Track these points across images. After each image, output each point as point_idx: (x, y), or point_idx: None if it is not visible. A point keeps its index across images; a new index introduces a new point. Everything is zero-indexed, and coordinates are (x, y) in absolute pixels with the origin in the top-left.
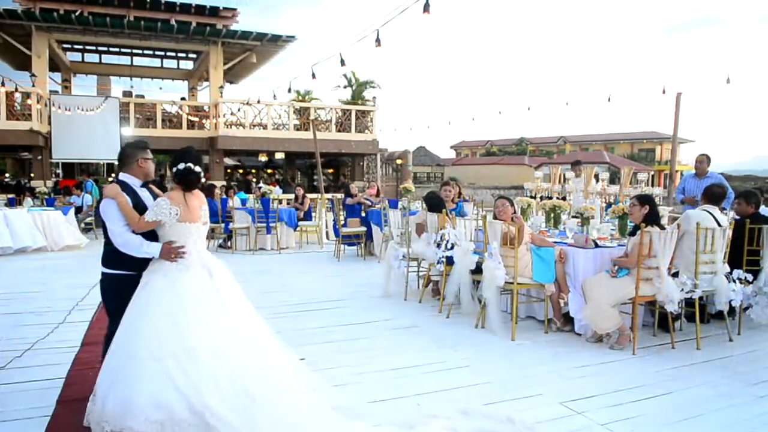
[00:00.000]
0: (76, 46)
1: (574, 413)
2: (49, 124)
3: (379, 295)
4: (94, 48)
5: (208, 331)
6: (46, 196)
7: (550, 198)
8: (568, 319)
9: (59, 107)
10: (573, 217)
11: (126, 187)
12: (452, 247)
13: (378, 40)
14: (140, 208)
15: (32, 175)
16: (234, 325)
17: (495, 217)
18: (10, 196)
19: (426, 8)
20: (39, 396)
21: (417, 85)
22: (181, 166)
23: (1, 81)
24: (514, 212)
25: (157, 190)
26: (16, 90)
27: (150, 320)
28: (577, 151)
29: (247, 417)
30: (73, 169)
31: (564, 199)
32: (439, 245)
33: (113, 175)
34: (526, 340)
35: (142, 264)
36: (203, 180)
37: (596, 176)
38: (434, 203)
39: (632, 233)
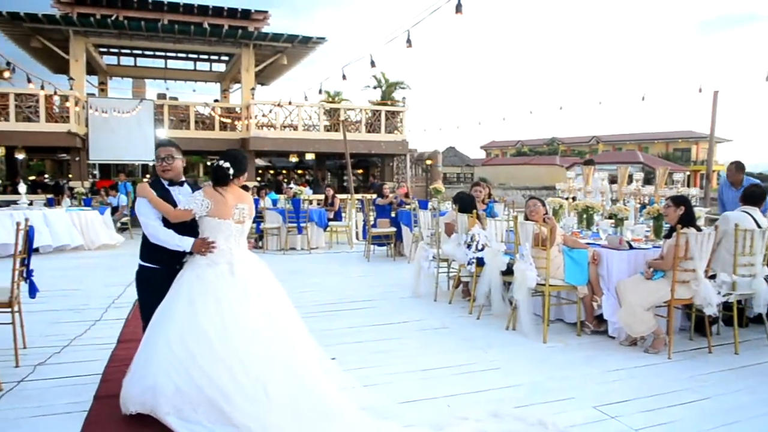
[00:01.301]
0: (112, 50)
1: (608, 417)
2: (87, 126)
3: (409, 295)
4: (129, 51)
5: (224, 326)
6: (83, 197)
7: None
8: (601, 322)
9: (96, 110)
10: (606, 218)
11: (155, 185)
12: (483, 248)
13: (409, 41)
14: (169, 204)
15: (70, 175)
16: (255, 322)
17: (526, 218)
18: (49, 196)
19: (458, 8)
20: (77, 391)
21: (447, 85)
22: (213, 163)
23: (41, 85)
24: (546, 213)
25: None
26: (55, 93)
27: (172, 311)
28: (610, 150)
29: (260, 412)
30: (109, 170)
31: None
32: (469, 246)
33: (148, 175)
34: (557, 343)
35: (173, 259)
36: (232, 177)
37: (630, 176)
38: (465, 204)
39: (668, 235)
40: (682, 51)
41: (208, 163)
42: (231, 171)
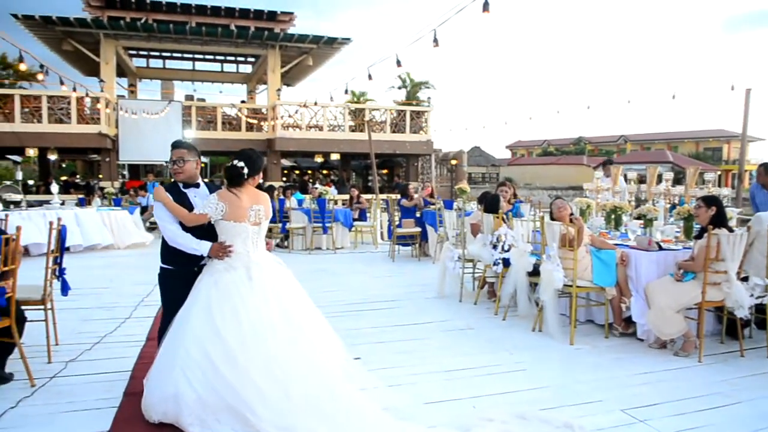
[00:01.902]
0: (141, 52)
1: (636, 421)
2: (117, 127)
3: (434, 296)
4: (158, 54)
5: (242, 332)
6: (113, 197)
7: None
8: (629, 324)
9: (126, 111)
10: (635, 218)
11: (171, 188)
12: (509, 249)
13: (435, 40)
14: (185, 207)
15: (100, 176)
16: (273, 326)
17: (552, 218)
18: (81, 196)
19: (485, 7)
20: (107, 387)
21: (473, 84)
22: (229, 163)
23: (72, 87)
24: (572, 213)
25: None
26: (87, 95)
27: (191, 318)
28: (638, 150)
29: (285, 417)
30: (138, 170)
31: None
32: (495, 246)
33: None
34: (585, 345)
35: (191, 262)
36: (247, 176)
37: (659, 176)
38: (491, 204)
39: (698, 236)
40: (710, 48)
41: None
42: (245, 170)
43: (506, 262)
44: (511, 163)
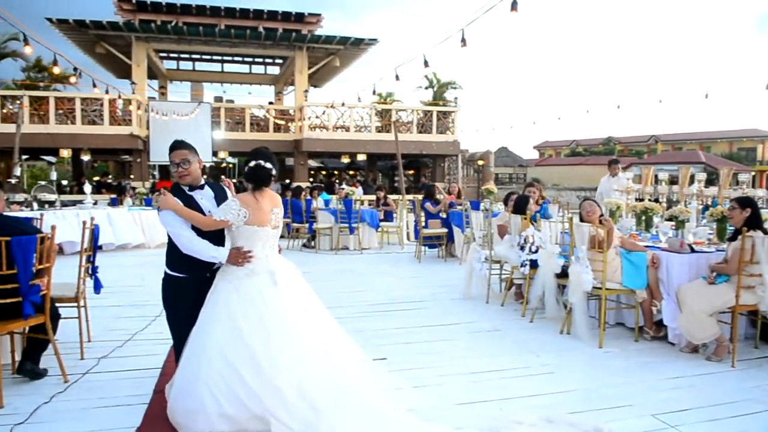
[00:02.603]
0: (171, 55)
1: (668, 426)
2: (147, 128)
3: (460, 297)
4: (188, 56)
5: (268, 338)
6: (144, 196)
7: (642, 200)
8: (660, 328)
9: (156, 112)
10: (667, 220)
11: (176, 192)
12: (536, 250)
13: (463, 40)
14: (192, 209)
15: (132, 176)
16: (297, 332)
17: (582, 220)
18: (113, 196)
19: (514, 6)
20: (137, 384)
21: (501, 84)
22: (252, 163)
23: (105, 89)
24: (602, 214)
25: (230, 192)
26: (119, 97)
27: (213, 327)
28: (669, 150)
29: (309, 425)
30: (167, 170)
31: (657, 201)
32: (522, 248)
33: (205, 176)
34: (614, 348)
35: (203, 267)
36: (275, 178)
37: (692, 177)
38: (518, 204)
39: (732, 238)
40: (743, 47)
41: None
42: (273, 171)
43: (534, 264)
44: (539, 164)
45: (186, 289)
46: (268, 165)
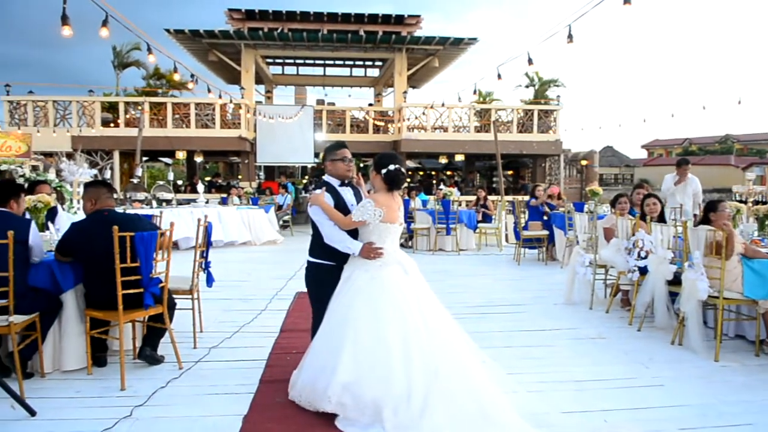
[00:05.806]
0: (277, 60)
1: None
2: (255, 131)
3: (562, 302)
4: (292, 61)
5: (404, 326)
6: (250, 196)
7: (765, 203)
8: None
9: (263, 116)
10: None
11: (329, 187)
12: (646, 256)
13: (570, 36)
14: (340, 206)
15: (240, 177)
16: (427, 320)
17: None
18: (223, 195)
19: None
20: (244, 374)
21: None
22: (392, 167)
23: (218, 94)
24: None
25: (364, 192)
26: (230, 101)
27: (351, 313)
28: None
29: (427, 418)
30: (272, 171)
31: None
32: (630, 252)
33: (307, 176)
34: (732, 362)
35: (342, 257)
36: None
37: None
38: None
39: None
40: None
41: (361, 164)
42: (407, 175)
43: (643, 270)
44: (647, 164)
45: (327, 274)
46: (403, 169)
